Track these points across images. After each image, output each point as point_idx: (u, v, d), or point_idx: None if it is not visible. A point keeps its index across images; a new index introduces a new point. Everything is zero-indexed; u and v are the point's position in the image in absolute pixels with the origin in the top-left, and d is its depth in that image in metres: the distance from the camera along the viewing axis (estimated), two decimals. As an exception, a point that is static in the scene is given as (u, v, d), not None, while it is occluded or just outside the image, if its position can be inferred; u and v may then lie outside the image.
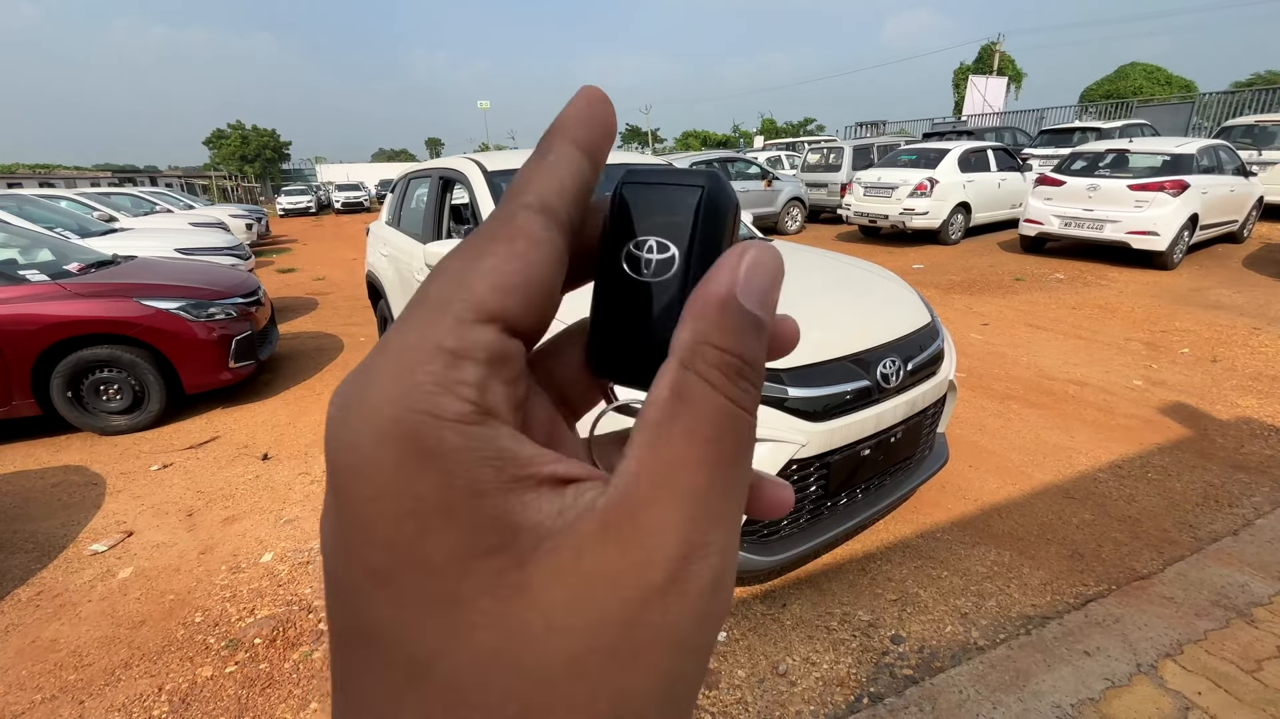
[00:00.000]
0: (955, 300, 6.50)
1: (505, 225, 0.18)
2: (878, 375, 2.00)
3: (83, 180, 31.79)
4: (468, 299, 0.16)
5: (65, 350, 3.81)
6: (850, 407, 1.95)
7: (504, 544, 0.15)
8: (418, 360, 0.16)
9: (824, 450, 1.90)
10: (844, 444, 1.95)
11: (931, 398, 2.24)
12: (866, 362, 2.01)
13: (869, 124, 25.58)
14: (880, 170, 10.06)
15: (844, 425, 1.92)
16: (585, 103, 0.20)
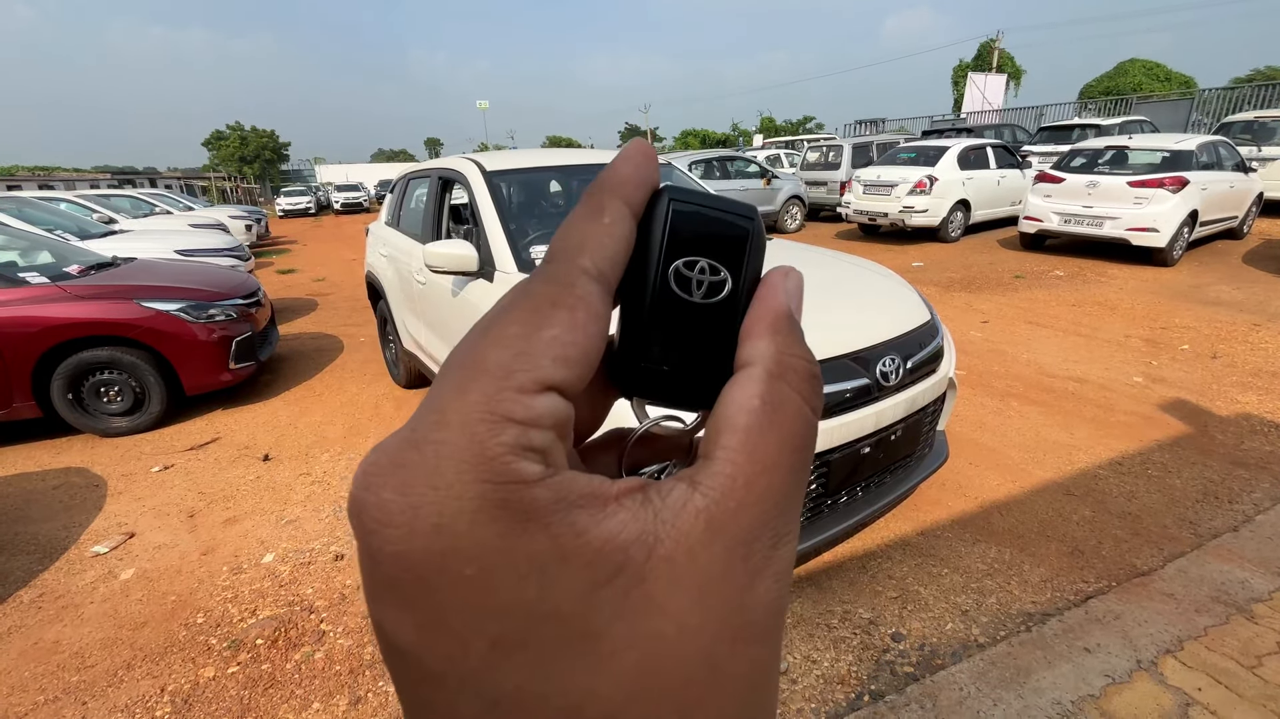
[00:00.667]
0: (955, 298, 6.50)
1: (567, 293, 0.18)
2: (877, 373, 2.00)
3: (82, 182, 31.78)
4: (532, 371, 0.17)
5: (66, 352, 3.82)
6: (850, 405, 1.95)
7: (619, 566, 0.16)
8: (488, 434, 0.16)
9: (824, 449, 1.91)
10: (844, 442, 1.95)
11: (931, 395, 2.24)
12: (866, 360, 2.01)
13: (868, 122, 25.56)
14: (879, 168, 10.06)
15: (843, 424, 1.92)
16: (640, 159, 0.20)
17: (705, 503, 0.17)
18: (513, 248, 2.64)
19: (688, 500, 0.17)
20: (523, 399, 0.16)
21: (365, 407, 4.38)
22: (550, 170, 3.35)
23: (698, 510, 0.17)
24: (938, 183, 9.27)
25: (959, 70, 36.06)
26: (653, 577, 0.16)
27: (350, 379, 5.00)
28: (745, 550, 0.17)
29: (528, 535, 0.16)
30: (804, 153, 13.81)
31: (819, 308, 2.20)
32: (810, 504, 2.01)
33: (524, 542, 0.15)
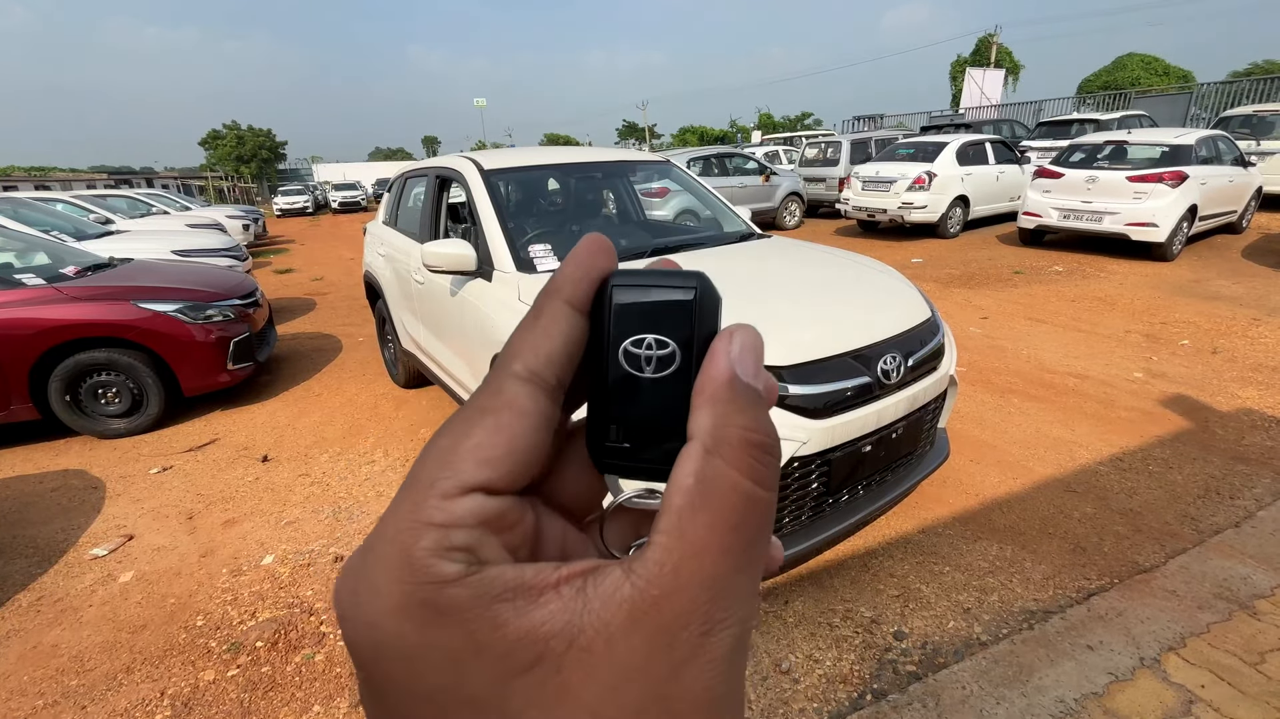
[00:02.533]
0: (954, 294, 6.49)
1: (493, 398, 0.20)
2: (878, 371, 1.99)
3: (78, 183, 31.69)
4: (453, 477, 0.18)
5: (63, 354, 3.80)
6: (851, 403, 1.94)
7: (538, 657, 0.17)
8: (411, 540, 0.17)
9: (825, 448, 1.90)
10: (845, 441, 1.94)
11: (932, 393, 2.23)
12: (867, 358, 2.00)
13: (866, 118, 25.52)
14: (878, 164, 10.04)
15: (845, 422, 1.91)
16: (584, 256, 0.21)
17: (631, 592, 0.17)
18: (511, 247, 2.62)
19: (617, 589, 0.17)
20: (444, 504, 0.18)
21: (364, 407, 4.37)
22: (548, 169, 3.33)
23: (622, 599, 0.17)
24: (936, 179, 9.25)
25: (957, 65, 36.00)
26: (569, 667, 0.17)
27: (349, 379, 4.98)
28: (668, 640, 0.17)
29: (444, 629, 0.17)
30: (802, 149, 13.78)
31: (819, 306, 2.19)
32: (812, 503, 2.01)
33: (440, 635, 0.17)
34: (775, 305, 2.15)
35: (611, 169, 3.60)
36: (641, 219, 4.00)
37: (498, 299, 2.51)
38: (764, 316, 2.04)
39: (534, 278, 2.47)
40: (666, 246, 2.84)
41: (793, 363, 1.88)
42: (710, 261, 2.69)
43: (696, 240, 3.07)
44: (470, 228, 2.94)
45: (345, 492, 3.19)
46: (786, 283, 2.39)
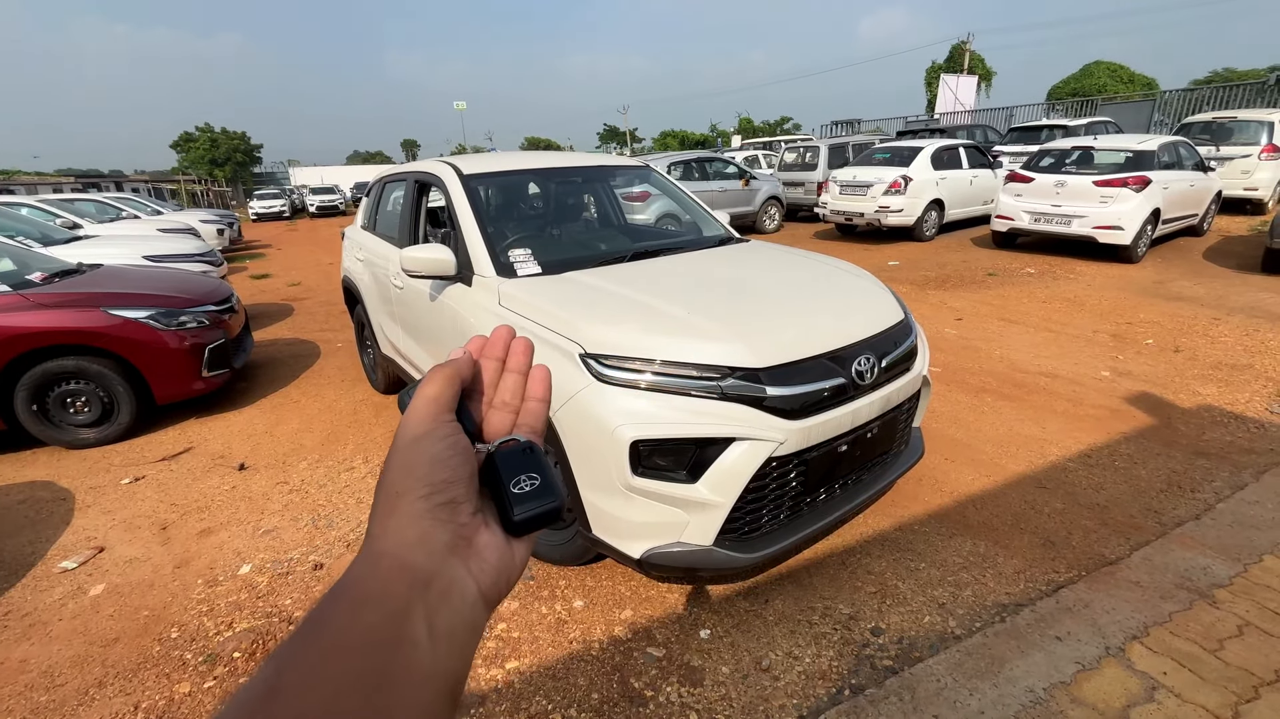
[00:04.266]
0: (930, 295, 6.62)
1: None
2: (853, 372, 2.04)
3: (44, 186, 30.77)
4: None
5: (30, 363, 3.71)
6: (827, 404, 1.98)
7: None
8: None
9: (802, 448, 1.93)
10: (821, 440, 1.98)
11: (906, 393, 2.28)
12: (842, 359, 2.05)
13: (844, 123, 25.90)
14: (855, 169, 10.20)
15: (821, 422, 1.95)
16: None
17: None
18: (491, 251, 2.63)
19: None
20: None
21: (344, 413, 4.32)
22: (528, 173, 3.34)
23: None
24: (912, 183, 9.43)
25: (932, 71, 36.69)
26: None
27: (328, 385, 4.93)
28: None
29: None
30: (781, 154, 13.94)
31: (795, 309, 2.24)
32: (790, 502, 2.04)
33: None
34: (752, 309, 2.19)
35: (591, 174, 3.62)
36: (622, 223, 4.02)
37: (476, 303, 2.51)
38: (741, 320, 2.08)
39: (514, 282, 2.48)
40: (646, 251, 2.87)
41: (769, 364, 1.91)
42: (687, 266, 2.72)
43: (675, 244, 3.10)
44: (450, 232, 2.94)
45: (325, 499, 3.16)
46: (763, 286, 2.43)
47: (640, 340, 1.94)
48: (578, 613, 2.22)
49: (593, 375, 1.91)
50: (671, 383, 1.86)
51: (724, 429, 1.82)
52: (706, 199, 11.22)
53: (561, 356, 1.99)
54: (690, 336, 1.95)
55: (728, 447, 1.83)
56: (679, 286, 2.38)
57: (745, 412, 1.85)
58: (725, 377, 1.87)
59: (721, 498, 1.85)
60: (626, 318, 2.07)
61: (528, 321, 2.19)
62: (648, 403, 1.84)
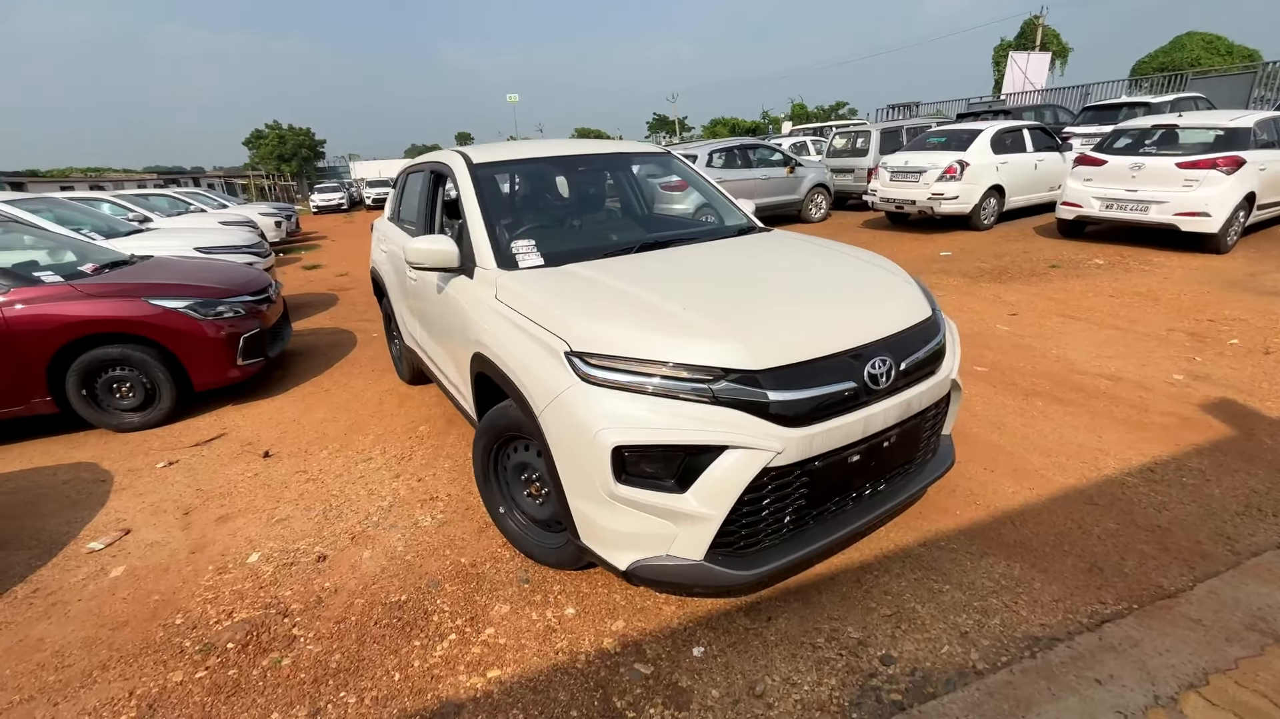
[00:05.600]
0: (983, 289, 6.18)
1: None
2: (865, 376, 1.85)
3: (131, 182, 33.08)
4: None
5: (79, 350, 3.90)
6: (834, 410, 1.80)
7: None
8: None
9: (803, 458, 1.76)
10: (827, 450, 1.81)
11: (930, 399, 2.07)
12: (854, 360, 1.86)
13: (902, 106, 24.71)
14: (907, 154, 9.66)
15: (826, 430, 1.77)
16: None
17: None
18: (493, 243, 2.55)
19: None
20: None
21: (369, 403, 4.38)
22: (541, 162, 3.25)
23: None
24: (969, 168, 8.85)
25: (1000, 50, 34.54)
26: None
27: (358, 375, 5.02)
28: None
29: None
30: (830, 139, 13.40)
31: (806, 305, 2.05)
32: (792, 516, 1.88)
33: None
34: (758, 304, 2.01)
35: (608, 161, 3.49)
36: (645, 213, 3.88)
37: (477, 297, 2.43)
38: (743, 316, 1.91)
39: (513, 275, 2.39)
40: (656, 241, 2.72)
41: (770, 366, 1.74)
42: (697, 258, 2.56)
43: (689, 235, 2.94)
44: (462, 224, 2.88)
45: (339, 489, 3.18)
46: (775, 280, 2.24)
47: (629, 338, 1.81)
48: (568, 621, 2.13)
49: (577, 375, 1.79)
50: (659, 384, 1.72)
51: (714, 436, 1.67)
52: (748, 188, 10.97)
53: (549, 354, 1.89)
54: (682, 335, 1.80)
55: (719, 455, 1.69)
56: (682, 280, 2.23)
57: (739, 417, 1.70)
58: (718, 379, 1.72)
59: (712, 510, 1.70)
60: (617, 314, 1.94)
61: (520, 316, 2.09)
62: (633, 406, 1.71)
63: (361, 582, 2.43)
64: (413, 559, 2.55)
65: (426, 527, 2.78)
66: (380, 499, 3.06)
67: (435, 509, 2.92)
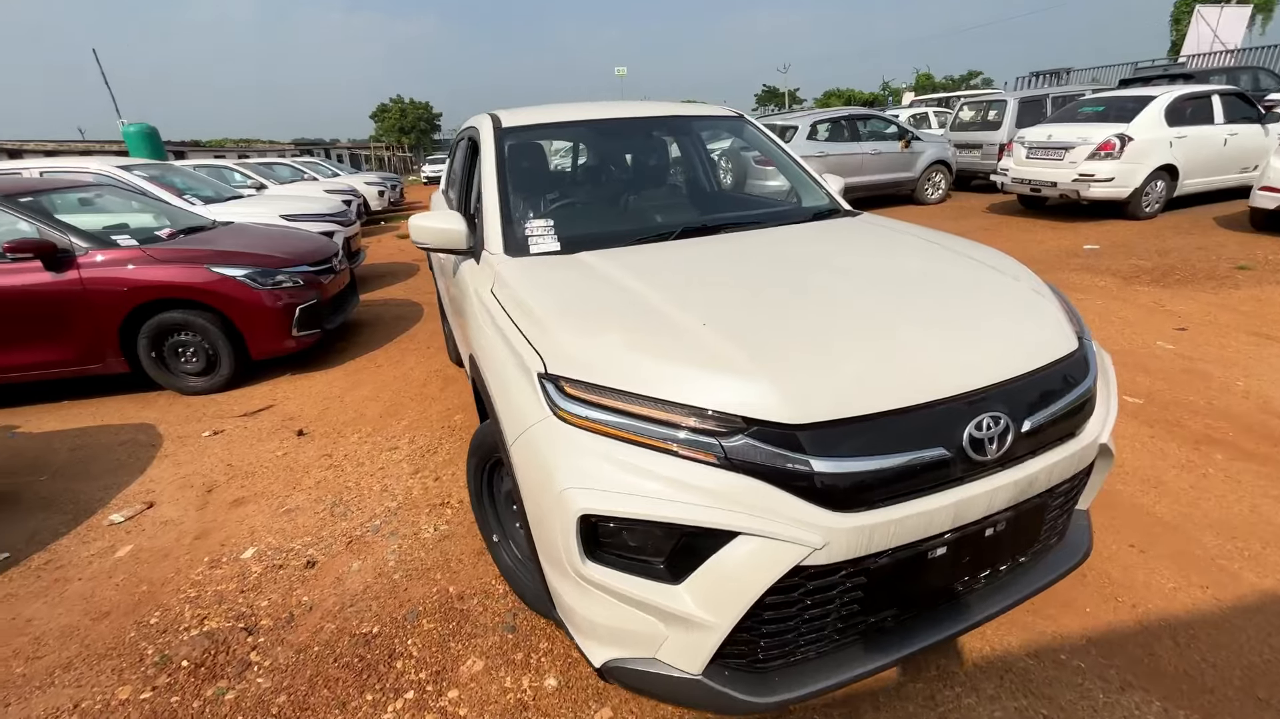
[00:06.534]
0: (1139, 294, 5.01)
1: None
2: (965, 440, 1.25)
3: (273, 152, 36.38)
4: None
5: (149, 313, 4.00)
6: (912, 488, 1.23)
7: None
8: None
9: (858, 554, 1.21)
10: (896, 545, 1.24)
11: (1065, 472, 1.42)
12: (949, 417, 1.26)
13: (1048, 73, 21.62)
14: (1052, 126, 8.20)
15: (895, 519, 1.21)
16: None
17: None
18: (504, 222, 2.14)
19: None
20: None
21: (414, 383, 4.21)
22: (583, 126, 2.78)
23: None
24: (1132, 144, 7.32)
25: (1182, 5, 29.29)
26: None
27: (413, 351, 4.89)
28: None
29: None
30: (956, 110, 11.81)
31: (881, 325, 1.45)
32: (838, 625, 1.33)
33: None
34: (810, 322, 1.45)
35: (665, 126, 2.96)
36: (712, 188, 3.33)
37: (475, 287, 2.04)
38: (786, 339, 1.37)
39: (517, 263, 1.96)
40: (705, 226, 2.19)
41: (816, 420, 1.20)
42: (749, 248, 2.00)
43: (749, 219, 2.37)
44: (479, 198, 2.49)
45: (354, 481, 2.98)
46: (842, 287, 1.65)
47: (620, 361, 1.33)
48: (545, 698, 1.73)
49: (549, 406, 1.34)
50: (651, 432, 1.23)
51: (720, 516, 1.16)
52: (854, 163, 9.86)
53: (523, 373, 1.45)
54: (692, 362, 1.29)
55: (728, 542, 1.18)
56: (716, 280, 1.70)
57: (763, 491, 1.18)
58: (735, 432, 1.20)
59: (713, 616, 1.21)
60: (613, 325, 1.46)
61: (504, 318, 1.66)
62: (614, 459, 1.24)
63: (340, 601, 2.16)
64: (400, 579, 2.26)
65: (426, 539, 2.48)
66: (391, 498, 2.81)
67: (442, 518, 2.62)
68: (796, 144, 9.30)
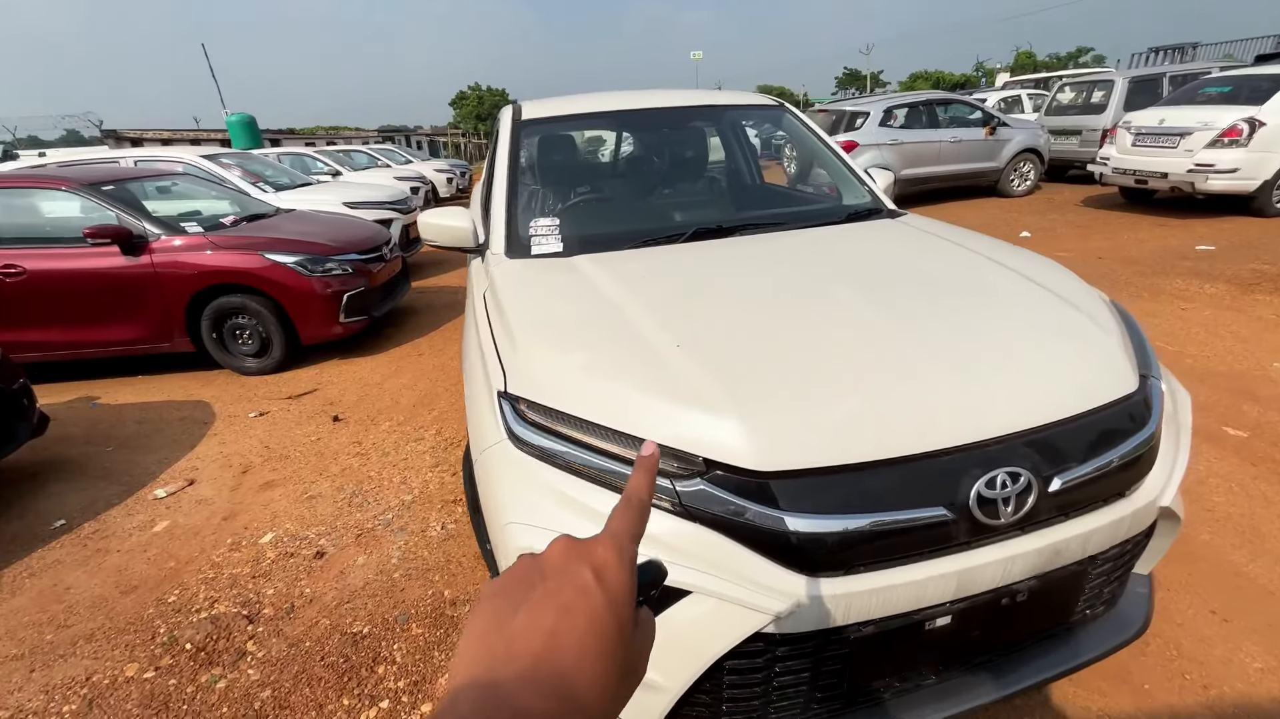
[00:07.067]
0: (1258, 304, 4.35)
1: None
2: (970, 499, 1.04)
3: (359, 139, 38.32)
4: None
5: (210, 296, 4.23)
6: (898, 553, 1.05)
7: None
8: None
9: (834, 624, 1.04)
10: (881, 617, 1.06)
11: (1107, 540, 1.18)
12: (951, 469, 1.06)
13: (1170, 49, 19.37)
14: (1166, 109, 7.28)
15: (877, 588, 1.03)
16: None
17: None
18: (508, 220, 2.05)
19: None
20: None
21: (451, 373, 4.25)
22: (607, 118, 2.64)
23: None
24: (1264, 129, 6.37)
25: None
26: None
27: (455, 340, 4.96)
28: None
29: None
30: (1054, 92, 10.75)
31: (889, 353, 1.25)
32: (817, 695, 1.17)
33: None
34: (800, 347, 1.26)
35: (698, 116, 2.77)
36: (754, 181, 3.11)
37: (473, 290, 1.97)
38: (768, 367, 1.19)
39: (513, 264, 1.87)
40: (720, 227, 2.02)
41: (784, 468, 1.03)
42: (761, 254, 1.82)
43: (773, 219, 2.16)
44: (488, 193, 2.42)
45: (377, 472, 3.02)
46: (854, 304, 1.43)
47: (580, 384, 1.21)
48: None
49: (505, 429, 1.24)
50: (603, 466, 1.11)
51: (671, 570, 1.02)
52: (932, 152, 9.18)
53: (487, 389, 1.36)
54: (654, 389, 1.15)
55: (679, 599, 1.04)
56: (715, 291, 1.54)
57: (719, 544, 1.03)
58: (693, 475, 1.06)
59: (661, 676, 1.08)
60: (580, 342, 1.33)
61: (485, 326, 1.58)
62: (560, 493, 1.12)
63: (339, 596, 2.18)
64: (399, 578, 2.25)
65: (432, 537, 2.47)
66: (408, 491, 2.83)
67: (451, 516, 2.61)
68: (867, 131, 8.75)
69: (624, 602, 0.32)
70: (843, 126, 9.11)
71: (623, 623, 0.31)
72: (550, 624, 0.29)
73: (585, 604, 0.30)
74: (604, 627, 0.30)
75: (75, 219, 4.19)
